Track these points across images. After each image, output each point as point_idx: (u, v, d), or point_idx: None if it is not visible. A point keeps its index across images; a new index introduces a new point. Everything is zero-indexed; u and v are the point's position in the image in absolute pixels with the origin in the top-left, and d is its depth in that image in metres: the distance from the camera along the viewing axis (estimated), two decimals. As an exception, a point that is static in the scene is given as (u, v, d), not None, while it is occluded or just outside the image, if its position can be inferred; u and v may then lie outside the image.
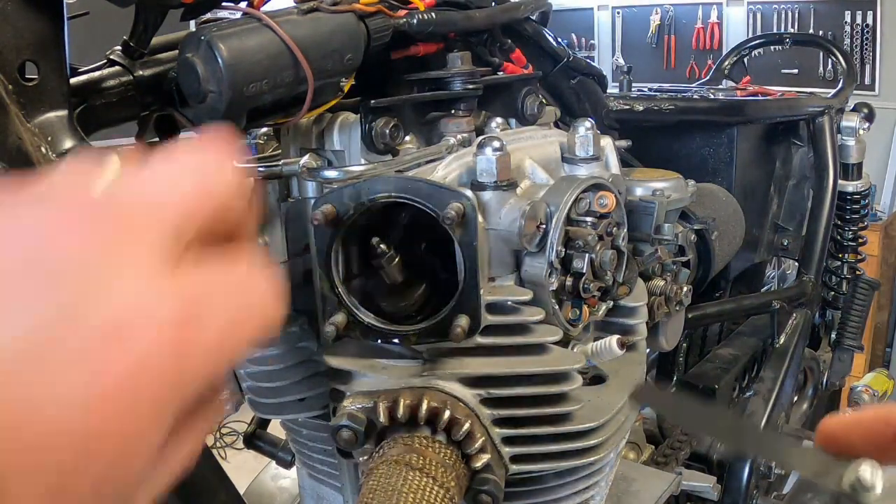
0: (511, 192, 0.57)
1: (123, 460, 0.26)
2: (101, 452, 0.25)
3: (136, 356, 0.25)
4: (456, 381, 0.56)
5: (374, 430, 0.55)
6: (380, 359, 0.57)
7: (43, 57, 0.54)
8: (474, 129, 0.74)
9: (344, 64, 0.66)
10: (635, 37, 4.54)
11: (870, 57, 3.82)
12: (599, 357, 0.62)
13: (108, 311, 0.25)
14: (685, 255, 0.90)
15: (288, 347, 0.62)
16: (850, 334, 1.77)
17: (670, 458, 1.19)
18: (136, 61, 0.64)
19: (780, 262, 1.73)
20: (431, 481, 0.50)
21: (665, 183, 0.85)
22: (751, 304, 1.39)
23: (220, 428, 3.55)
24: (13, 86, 0.53)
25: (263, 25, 0.61)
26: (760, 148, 1.49)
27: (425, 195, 0.50)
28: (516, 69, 0.83)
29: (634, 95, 1.42)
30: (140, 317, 0.25)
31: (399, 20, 0.70)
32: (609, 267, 0.61)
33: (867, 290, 1.76)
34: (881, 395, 1.96)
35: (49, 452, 0.24)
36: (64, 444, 0.24)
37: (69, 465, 0.24)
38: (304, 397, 0.64)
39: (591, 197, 0.61)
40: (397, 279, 0.53)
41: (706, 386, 1.28)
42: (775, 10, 4.07)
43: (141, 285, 0.25)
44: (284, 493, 1.17)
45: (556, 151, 0.69)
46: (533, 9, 0.87)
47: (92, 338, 0.24)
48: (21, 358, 0.23)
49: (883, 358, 3.64)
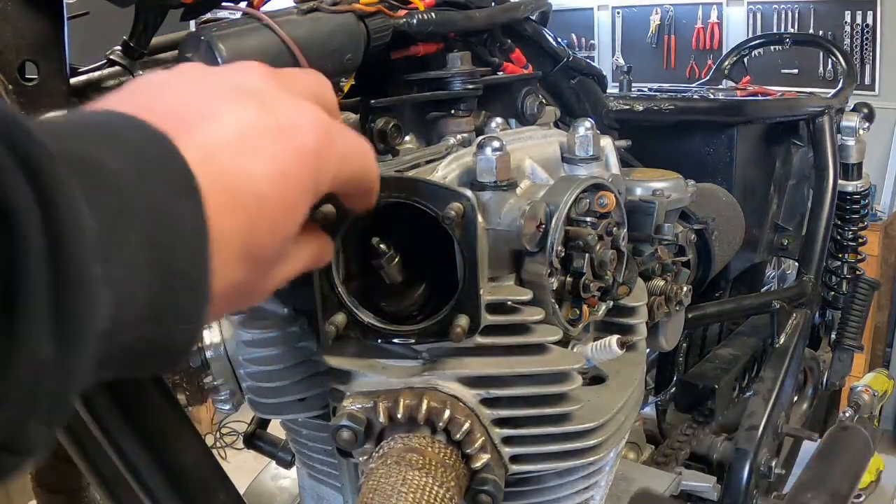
0: (511, 192, 0.57)
1: (279, 228, 0.36)
2: (270, 217, 0.36)
3: (299, 147, 0.37)
4: (456, 381, 0.56)
5: (374, 430, 0.55)
6: (380, 359, 0.57)
7: (43, 57, 0.54)
8: (474, 129, 0.74)
9: (344, 64, 0.66)
10: (635, 37, 4.54)
11: (870, 57, 3.82)
12: (599, 357, 0.62)
13: (284, 117, 0.37)
14: (685, 255, 0.90)
15: (288, 347, 0.62)
16: (850, 334, 1.77)
17: (670, 458, 1.19)
18: (136, 61, 0.64)
19: (780, 262, 1.73)
20: (431, 481, 0.50)
21: (665, 183, 0.85)
22: (751, 304, 1.39)
23: (220, 428, 3.55)
24: (13, 86, 0.53)
25: (263, 25, 0.61)
26: (760, 148, 1.49)
27: (425, 195, 0.50)
28: (516, 69, 0.83)
29: (634, 95, 1.42)
30: (303, 123, 0.38)
31: (399, 20, 0.70)
32: (609, 267, 0.61)
33: (867, 290, 1.76)
34: (881, 395, 1.96)
35: (244, 212, 0.34)
36: (253, 205, 0.34)
37: (252, 227, 0.35)
38: (304, 397, 0.64)
39: (591, 197, 0.61)
40: (397, 279, 0.53)
41: (706, 386, 1.28)
42: (775, 10, 4.07)
43: (303, 106, 0.39)
44: (284, 493, 1.17)
45: (556, 151, 0.69)
46: (533, 9, 0.87)
47: (275, 133, 0.36)
48: (237, 141, 0.35)
49: (883, 358, 3.64)
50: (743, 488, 1.20)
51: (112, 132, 0.30)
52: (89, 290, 0.25)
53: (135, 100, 0.35)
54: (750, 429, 1.24)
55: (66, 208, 0.24)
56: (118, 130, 0.30)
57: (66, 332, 0.24)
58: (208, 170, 0.33)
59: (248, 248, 0.35)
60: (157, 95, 0.36)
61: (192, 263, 0.30)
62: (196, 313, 0.31)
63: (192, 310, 0.30)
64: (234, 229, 0.34)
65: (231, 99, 0.36)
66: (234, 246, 0.34)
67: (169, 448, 0.65)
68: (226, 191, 0.33)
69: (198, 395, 0.71)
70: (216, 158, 0.33)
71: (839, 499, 1.31)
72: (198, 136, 0.34)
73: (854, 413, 1.71)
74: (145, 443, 0.63)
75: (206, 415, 3.44)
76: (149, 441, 0.64)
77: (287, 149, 0.36)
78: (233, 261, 0.34)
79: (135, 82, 0.38)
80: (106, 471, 0.69)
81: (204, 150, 0.33)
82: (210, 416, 3.50)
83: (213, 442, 3.49)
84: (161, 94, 0.36)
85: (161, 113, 0.33)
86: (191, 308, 0.30)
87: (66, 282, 0.24)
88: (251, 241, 0.35)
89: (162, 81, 0.37)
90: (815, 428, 1.66)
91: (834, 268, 1.69)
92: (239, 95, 0.37)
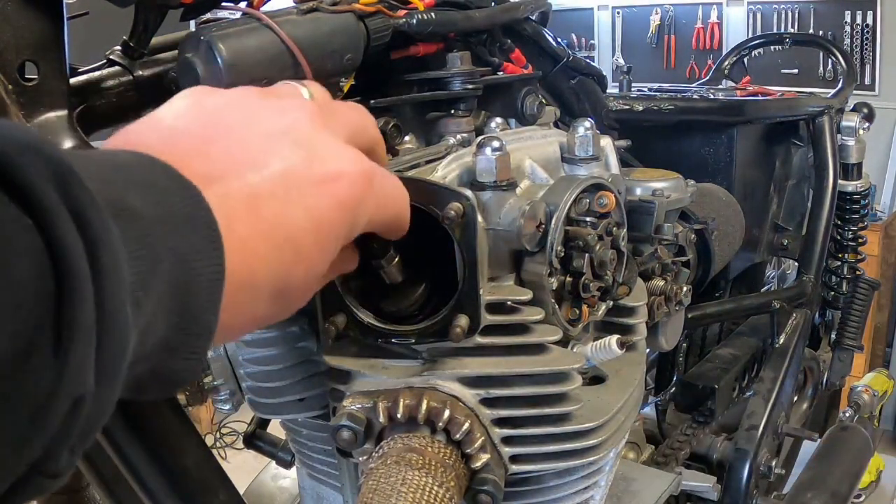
0: (511, 192, 0.57)
1: (312, 270, 0.38)
2: (305, 261, 0.38)
3: (340, 197, 0.39)
4: (455, 381, 0.56)
5: (374, 430, 0.55)
6: (380, 359, 0.57)
7: (43, 57, 0.54)
8: (474, 129, 0.74)
9: (344, 64, 0.66)
10: (635, 37, 4.55)
11: (870, 57, 3.82)
12: (599, 357, 0.62)
13: (329, 165, 0.39)
14: (685, 255, 0.90)
15: (288, 347, 0.62)
16: (850, 334, 1.77)
17: (670, 458, 1.19)
18: (136, 61, 0.64)
19: (780, 262, 1.73)
20: (431, 481, 0.50)
21: (665, 183, 0.85)
22: (751, 304, 1.39)
23: (220, 428, 3.55)
24: (13, 86, 0.53)
25: (263, 25, 0.61)
26: (760, 148, 1.49)
27: (425, 195, 0.50)
28: (516, 69, 0.83)
29: (634, 95, 1.42)
30: (345, 171, 0.39)
31: (399, 20, 0.70)
32: (609, 267, 0.61)
33: (867, 290, 1.76)
34: (881, 395, 1.96)
35: (279, 258, 0.36)
36: (289, 252, 0.36)
37: (287, 270, 0.37)
38: (304, 397, 0.64)
39: (591, 197, 0.61)
40: (397, 279, 0.53)
41: (706, 386, 1.28)
42: (775, 10, 4.07)
43: (347, 154, 0.40)
44: (284, 493, 1.17)
45: (556, 151, 0.69)
46: (533, 9, 0.87)
47: (318, 182, 0.38)
48: (280, 189, 0.37)
49: (883, 358, 3.64)
50: (743, 488, 1.20)
51: (147, 180, 0.32)
52: (124, 331, 0.27)
53: (182, 141, 0.37)
54: (750, 429, 1.24)
55: (108, 255, 0.27)
56: (153, 180, 0.32)
57: (104, 368, 0.27)
58: (248, 217, 0.35)
59: (282, 289, 0.37)
60: (207, 137, 0.37)
61: (205, 309, 0.32)
62: (201, 348, 0.33)
63: (198, 346, 0.33)
64: (270, 273, 0.36)
65: (278, 145, 0.38)
66: (269, 288, 0.37)
67: (169, 448, 0.65)
68: (264, 238, 0.36)
69: (198, 395, 0.71)
70: (257, 206, 0.36)
71: (839, 499, 1.31)
72: (240, 183, 0.36)
73: (854, 413, 1.71)
74: (145, 443, 0.63)
75: (206, 415, 3.45)
76: (149, 441, 0.64)
77: (327, 199, 0.38)
78: (265, 299, 0.37)
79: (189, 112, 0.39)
80: (106, 471, 0.69)
81: (245, 198, 0.35)
82: (210, 416, 3.50)
83: (213, 442, 3.50)
84: (211, 134, 0.38)
85: (204, 159, 0.36)
86: (197, 345, 0.33)
87: (106, 322, 0.26)
88: (285, 283, 0.37)
89: (213, 120, 0.38)
90: (815, 428, 1.66)
91: (834, 268, 1.69)
92: (286, 143, 0.38)
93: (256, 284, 0.36)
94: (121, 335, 0.27)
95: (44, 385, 0.25)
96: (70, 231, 0.25)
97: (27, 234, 0.24)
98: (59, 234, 0.25)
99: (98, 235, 0.26)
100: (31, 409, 0.25)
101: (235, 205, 0.35)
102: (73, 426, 0.26)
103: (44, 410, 0.25)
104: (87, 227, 0.26)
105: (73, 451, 0.27)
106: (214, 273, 0.33)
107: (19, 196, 0.25)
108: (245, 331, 0.39)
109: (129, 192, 0.30)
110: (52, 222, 0.25)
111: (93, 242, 0.26)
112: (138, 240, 0.29)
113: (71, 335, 0.25)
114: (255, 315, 0.38)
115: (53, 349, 0.25)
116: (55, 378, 0.25)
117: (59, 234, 0.25)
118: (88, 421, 0.27)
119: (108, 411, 0.28)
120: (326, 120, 0.41)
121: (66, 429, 0.26)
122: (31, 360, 0.24)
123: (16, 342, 0.24)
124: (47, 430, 0.25)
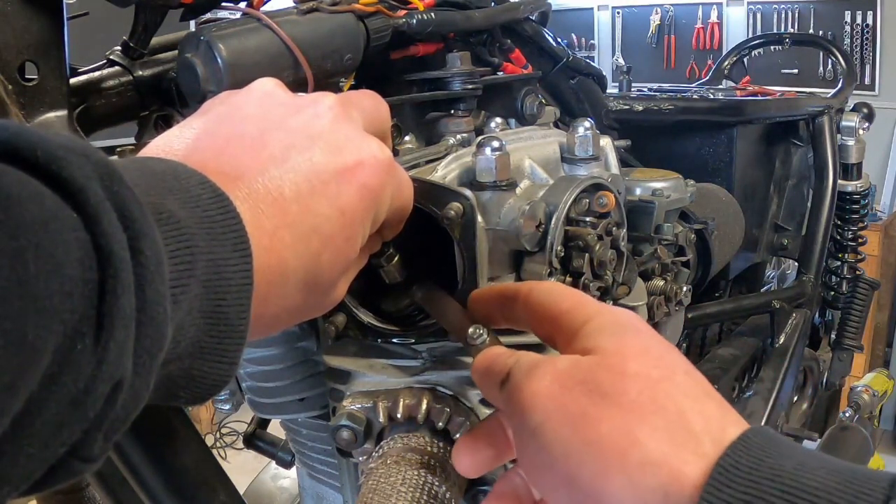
0: (510, 192, 0.57)
1: (340, 258, 0.40)
2: (332, 250, 0.39)
3: (362, 184, 0.40)
4: (456, 381, 0.56)
5: (374, 430, 0.55)
6: (380, 359, 0.57)
7: (43, 57, 0.54)
8: (474, 129, 0.74)
9: (343, 64, 0.66)
10: (635, 37, 4.55)
11: (870, 57, 3.83)
12: (599, 357, 0.61)
13: (350, 155, 0.41)
14: (685, 255, 0.90)
15: (287, 347, 0.62)
16: (850, 334, 1.77)
17: (670, 457, 1.19)
18: (136, 61, 0.64)
19: (780, 262, 1.73)
20: (431, 480, 0.50)
21: (665, 183, 0.85)
22: (751, 304, 1.39)
23: (220, 428, 3.55)
24: (13, 86, 0.53)
25: (263, 25, 0.61)
26: (760, 148, 1.49)
27: (425, 195, 0.50)
28: (516, 69, 0.83)
29: (634, 95, 1.42)
30: (367, 160, 0.41)
31: (398, 20, 0.70)
32: (609, 267, 0.61)
33: (867, 290, 1.76)
34: (881, 395, 1.96)
35: (307, 248, 0.38)
36: (316, 241, 0.38)
37: (315, 259, 0.38)
38: (304, 397, 0.64)
39: (591, 197, 0.61)
40: (397, 279, 0.53)
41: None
42: (775, 10, 4.08)
43: (367, 143, 0.42)
44: (284, 493, 1.17)
45: (556, 151, 0.69)
46: (533, 9, 0.87)
47: (341, 172, 0.40)
48: (304, 182, 0.38)
49: (883, 358, 3.64)
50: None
51: (181, 187, 0.33)
52: (162, 322, 0.29)
53: (204, 142, 0.38)
54: (750, 429, 1.23)
55: (150, 249, 0.28)
56: (186, 187, 0.33)
57: (141, 358, 0.28)
58: (273, 211, 0.37)
59: (311, 278, 0.39)
60: (229, 136, 0.39)
61: (236, 312, 0.34)
62: (233, 353, 0.34)
63: (229, 350, 0.34)
64: (298, 263, 0.38)
65: (299, 137, 0.40)
66: (298, 277, 0.38)
67: (169, 448, 0.65)
68: (290, 229, 0.37)
69: (198, 394, 0.71)
70: (282, 199, 0.37)
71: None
72: (264, 178, 0.37)
73: (854, 413, 1.71)
74: (145, 442, 0.63)
75: (206, 415, 3.45)
76: (149, 440, 0.64)
77: (351, 188, 0.40)
78: (295, 290, 0.39)
79: (211, 112, 0.41)
80: (106, 470, 0.69)
81: (270, 192, 0.37)
82: (210, 416, 3.50)
83: (213, 442, 3.50)
84: (232, 132, 0.39)
85: (227, 158, 0.37)
86: (229, 348, 0.34)
87: (146, 315, 0.28)
88: (314, 272, 0.39)
89: (239, 118, 0.40)
90: (815, 428, 1.66)
91: (834, 268, 1.70)
92: (310, 137, 0.40)
93: (286, 273, 0.37)
94: (159, 326, 0.28)
95: (86, 370, 0.26)
96: (114, 224, 0.27)
97: (75, 228, 0.26)
98: (104, 228, 0.26)
99: (141, 230, 0.28)
100: (73, 393, 0.26)
101: (260, 200, 0.36)
102: (111, 411, 0.28)
103: (85, 394, 0.26)
104: (130, 222, 0.28)
105: (107, 437, 0.28)
106: (243, 279, 0.34)
107: (67, 193, 0.26)
108: (281, 323, 0.40)
109: (165, 198, 0.32)
110: (97, 216, 0.26)
111: (135, 236, 0.28)
112: (177, 240, 0.31)
113: (112, 322, 0.26)
114: (288, 306, 0.39)
115: (96, 335, 0.26)
116: (97, 363, 0.26)
117: (104, 227, 0.26)
118: (124, 407, 0.28)
119: (142, 400, 0.29)
120: (347, 109, 0.43)
121: (103, 413, 0.27)
122: (75, 345, 0.25)
123: (66, 329, 0.25)
124: (87, 413, 0.27)
